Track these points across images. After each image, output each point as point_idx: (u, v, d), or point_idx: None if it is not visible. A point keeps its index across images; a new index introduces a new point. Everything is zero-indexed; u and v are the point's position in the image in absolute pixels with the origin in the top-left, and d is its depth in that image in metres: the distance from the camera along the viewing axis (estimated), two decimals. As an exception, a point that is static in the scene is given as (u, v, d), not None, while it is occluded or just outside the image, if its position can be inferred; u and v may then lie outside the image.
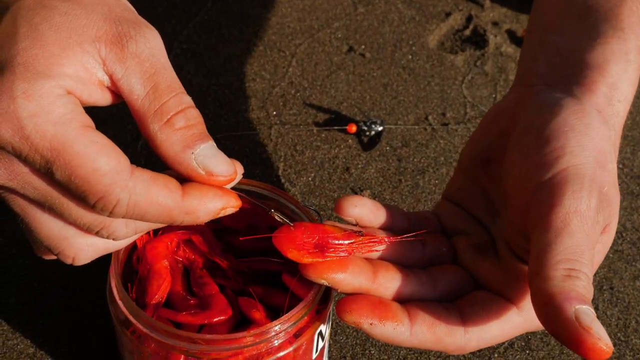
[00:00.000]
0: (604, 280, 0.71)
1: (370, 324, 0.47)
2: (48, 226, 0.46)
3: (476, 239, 0.53)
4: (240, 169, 0.47)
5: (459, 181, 0.57)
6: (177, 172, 0.45)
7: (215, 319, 0.51)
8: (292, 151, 0.82)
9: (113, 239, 0.46)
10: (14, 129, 0.40)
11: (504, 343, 0.65)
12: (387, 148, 0.83)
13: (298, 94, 0.89)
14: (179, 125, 0.44)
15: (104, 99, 0.45)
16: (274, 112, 0.86)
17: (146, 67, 0.44)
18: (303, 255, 0.48)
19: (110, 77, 0.44)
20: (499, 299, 0.49)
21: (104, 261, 0.50)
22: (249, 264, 0.55)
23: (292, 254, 0.49)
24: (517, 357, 0.65)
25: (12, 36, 0.42)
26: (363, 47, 0.96)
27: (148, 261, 0.54)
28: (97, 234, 0.45)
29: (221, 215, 0.46)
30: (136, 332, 0.50)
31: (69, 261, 0.47)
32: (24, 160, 0.42)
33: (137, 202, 0.43)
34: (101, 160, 0.42)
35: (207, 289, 0.53)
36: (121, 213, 0.43)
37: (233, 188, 0.47)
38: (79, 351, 0.64)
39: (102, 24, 0.43)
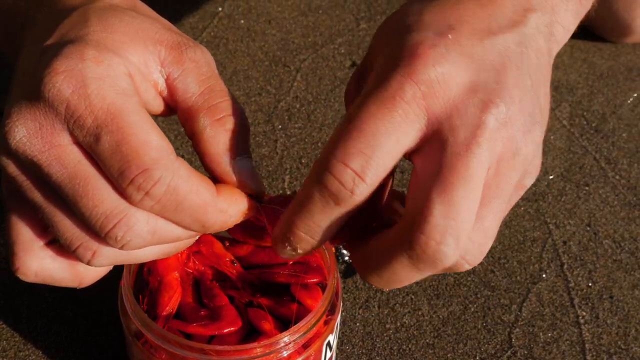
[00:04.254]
0: (603, 290, 0.72)
1: None
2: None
3: None
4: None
5: None
6: (211, 171, 0.45)
7: (225, 330, 0.52)
8: (298, 164, 0.83)
9: (124, 244, 0.42)
10: (76, 86, 0.41)
11: (506, 351, 0.67)
12: (391, 161, 0.84)
13: (303, 108, 0.90)
14: (229, 127, 0.45)
15: (155, 103, 0.46)
16: (280, 126, 0.88)
17: (203, 71, 0.46)
18: None
19: (167, 78, 0.45)
20: None
21: (113, 272, 0.51)
22: (257, 275, 0.57)
23: None
24: (520, 366, 0.66)
25: (82, 22, 0.44)
26: (366, 61, 0.98)
27: (159, 273, 0.56)
28: (109, 232, 0.41)
29: (243, 217, 0.46)
30: (148, 343, 0.52)
31: (87, 257, 0.44)
32: (74, 122, 0.41)
33: (177, 187, 0.41)
34: (153, 135, 0.41)
35: (217, 300, 0.54)
36: (157, 195, 0.41)
37: None
38: (90, 362, 0.65)
39: (164, 31, 0.46)
